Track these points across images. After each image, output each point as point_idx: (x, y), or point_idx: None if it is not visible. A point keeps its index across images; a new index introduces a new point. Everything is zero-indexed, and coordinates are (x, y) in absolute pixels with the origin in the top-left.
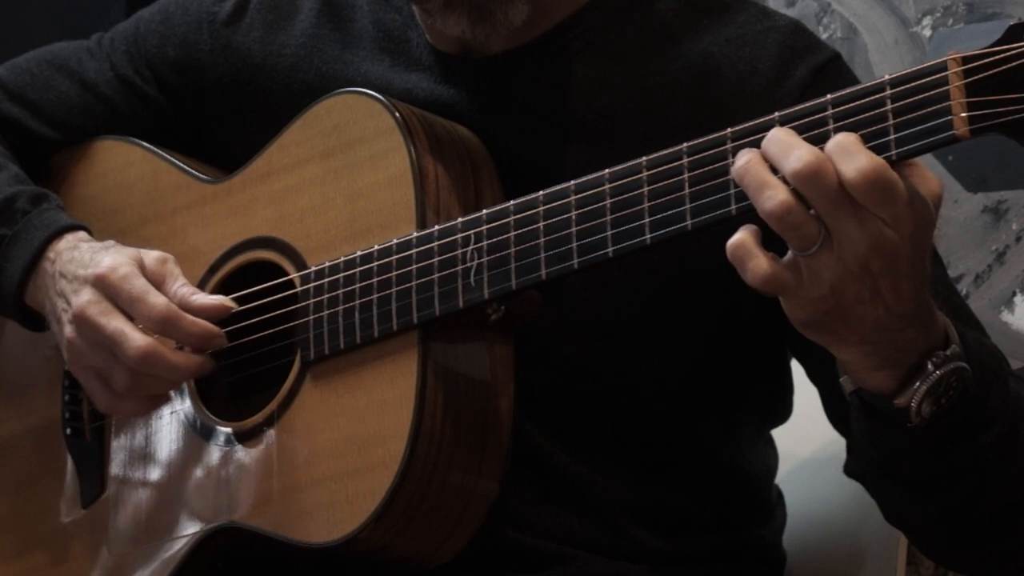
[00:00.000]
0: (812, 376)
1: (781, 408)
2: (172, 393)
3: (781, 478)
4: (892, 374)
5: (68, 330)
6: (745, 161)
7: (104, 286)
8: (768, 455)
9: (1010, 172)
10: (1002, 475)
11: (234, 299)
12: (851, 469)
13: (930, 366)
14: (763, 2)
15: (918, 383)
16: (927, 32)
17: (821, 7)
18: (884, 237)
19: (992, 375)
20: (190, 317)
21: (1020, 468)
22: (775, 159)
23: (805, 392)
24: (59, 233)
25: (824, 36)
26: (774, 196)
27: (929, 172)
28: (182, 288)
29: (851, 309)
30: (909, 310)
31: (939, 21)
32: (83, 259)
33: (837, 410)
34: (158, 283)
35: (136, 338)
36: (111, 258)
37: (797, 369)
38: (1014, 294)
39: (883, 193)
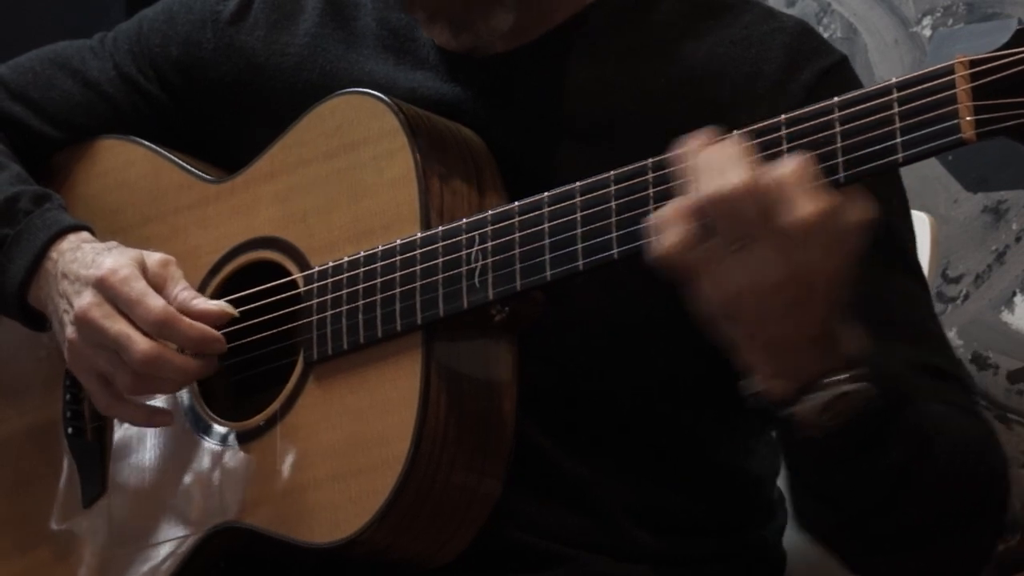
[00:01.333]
0: None
1: None
2: (173, 396)
3: (781, 478)
4: (789, 384)
5: (70, 331)
6: (696, 145)
7: (105, 288)
8: (769, 457)
9: (1010, 172)
10: (904, 497)
11: (237, 299)
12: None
13: (827, 383)
14: (764, 1)
15: (812, 396)
16: (927, 32)
17: (821, 7)
18: (805, 271)
19: (903, 401)
20: (187, 320)
21: (925, 494)
22: (714, 171)
23: None
24: (61, 233)
25: (824, 36)
26: (713, 183)
27: (861, 199)
28: (183, 292)
29: (755, 321)
30: (817, 333)
31: (939, 21)
32: (85, 260)
33: None
34: (159, 286)
35: (140, 341)
36: (112, 260)
37: None
38: (1014, 294)
39: (822, 235)
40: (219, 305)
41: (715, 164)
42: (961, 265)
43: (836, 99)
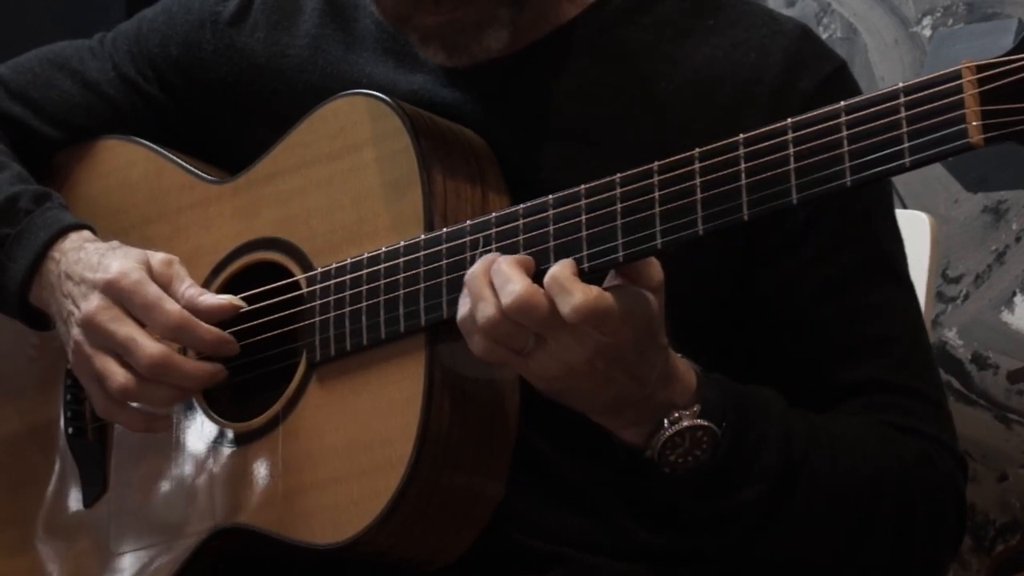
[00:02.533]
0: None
1: None
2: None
3: None
4: (639, 431)
5: (75, 333)
6: (472, 271)
7: (115, 292)
8: None
9: (1010, 172)
10: (774, 535)
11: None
12: None
13: (666, 423)
14: (763, 1)
15: (657, 437)
16: (927, 32)
17: (821, 7)
18: (603, 345)
19: (768, 439)
20: (205, 325)
21: (796, 530)
22: (495, 287)
23: None
24: (63, 232)
25: (824, 36)
26: (485, 310)
27: (653, 262)
28: (189, 289)
29: (585, 392)
30: (644, 386)
31: (939, 21)
32: (90, 261)
33: None
34: (164, 285)
35: (149, 345)
36: (120, 262)
37: None
38: (1014, 294)
39: (598, 321)
40: (227, 298)
41: (500, 279)
42: (961, 265)
43: (843, 103)
